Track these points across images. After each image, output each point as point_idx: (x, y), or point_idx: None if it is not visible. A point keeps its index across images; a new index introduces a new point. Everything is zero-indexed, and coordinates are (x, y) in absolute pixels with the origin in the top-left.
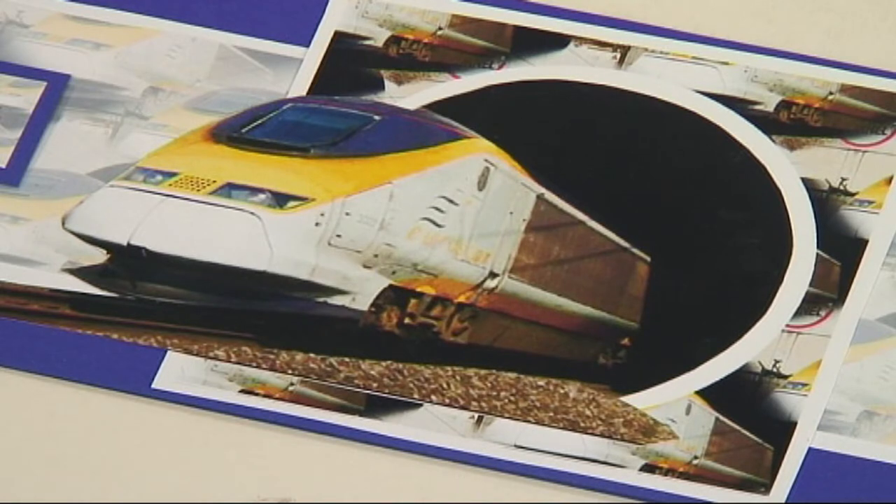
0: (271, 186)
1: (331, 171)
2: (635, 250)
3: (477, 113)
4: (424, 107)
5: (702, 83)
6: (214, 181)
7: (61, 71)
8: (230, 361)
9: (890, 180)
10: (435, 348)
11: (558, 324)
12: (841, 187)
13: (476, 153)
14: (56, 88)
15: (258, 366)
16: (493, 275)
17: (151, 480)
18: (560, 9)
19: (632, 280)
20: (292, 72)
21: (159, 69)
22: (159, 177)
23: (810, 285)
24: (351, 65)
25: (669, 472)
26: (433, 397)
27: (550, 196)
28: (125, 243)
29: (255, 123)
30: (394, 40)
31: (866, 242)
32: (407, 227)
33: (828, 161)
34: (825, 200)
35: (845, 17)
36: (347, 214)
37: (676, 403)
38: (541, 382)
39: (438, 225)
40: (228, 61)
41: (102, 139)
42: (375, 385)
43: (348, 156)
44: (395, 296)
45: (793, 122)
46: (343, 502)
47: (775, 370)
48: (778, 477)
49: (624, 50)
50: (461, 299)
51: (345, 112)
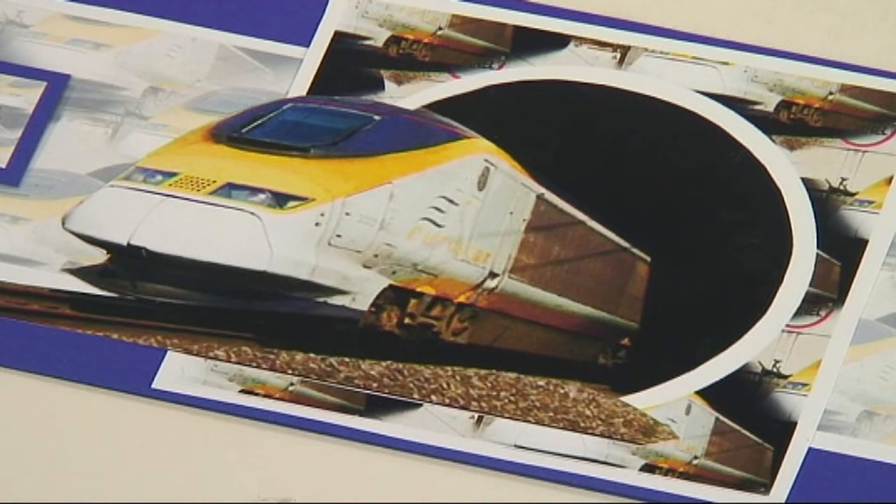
0: (271, 186)
1: (331, 171)
2: (635, 250)
3: (477, 113)
4: (424, 107)
5: (702, 83)
6: (214, 181)
7: (61, 71)
8: (230, 361)
9: (890, 180)
10: (435, 348)
11: (558, 324)
12: (841, 187)
13: (476, 153)
14: (56, 88)
15: (258, 366)
16: (493, 275)
17: (151, 480)
18: (560, 9)
19: (632, 280)
20: (292, 72)
21: (159, 69)
22: (159, 177)
23: (810, 285)
24: (351, 65)
25: (669, 472)
26: (433, 397)
27: (550, 196)
28: (125, 243)
29: (255, 123)
30: (394, 40)
31: (866, 242)
32: (407, 227)
33: (828, 161)
34: (825, 200)
35: (845, 17)
36: (347, 214)
37: (676, 403)
38: (541, 382)
39: (438, 225)
40: (228, 61)
41: (102, 139)
42: (375, 385)
43: (348, 156)
44: (395, 296)
45: (793, 122)
46: (343, 502)
47: (775, 370)
48: (778, 477)
49: (624, 50)
50: (461, 299)
51: (345, 112)
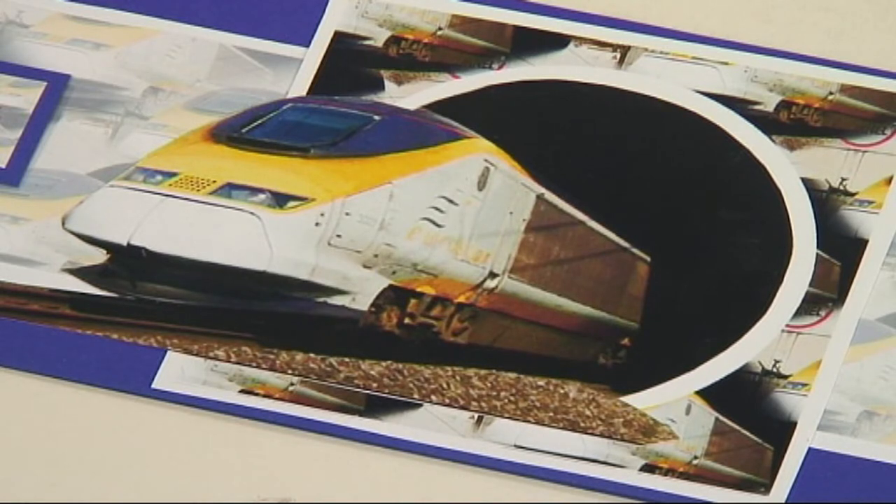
0: (271, 186)
1: (331, 171)
2: (635, 250)
3: (477, 113)
4: (424, 107)
5: (702, 83)
6: (214, 181)
7: (61, 71)
8: (230, 361)
9: (890, 180)
10: (435, 348)
11: (558, 324)
12: (841, 187)
13: (476, 153)
14: (56, 88)
15: (258, 366)
16: (493, 275)
17: (151, 480)
18: (560, 9)
19: (632, 280)
20: (292, 72)
21: (159, 69)
22: (159, 177)
23: (810, 285)
24: (351, 65)
25: (669, 472)
26: (433, 397)
27: (550, 196)
28: (125, 243)
29: (255, 123)
30: (394, 40)
31: (866, 242)
32: (407, 227)
33: (828, 161)
34: (825, 200)
35: (845, 17)
36: (347, 214)
37: (676, 403)
38: (541, 382)
39: (438, 225)
40: (228, 61)
41: (102, 139)
42: (375, 385)
43: (348, 156)
44: (395, 296)
45: (793, 122)
46: (343, 502)
47: (775, 370)
48: (778, 477)
49: (624, 50)
50: (461, 299)
51: (345, 112)
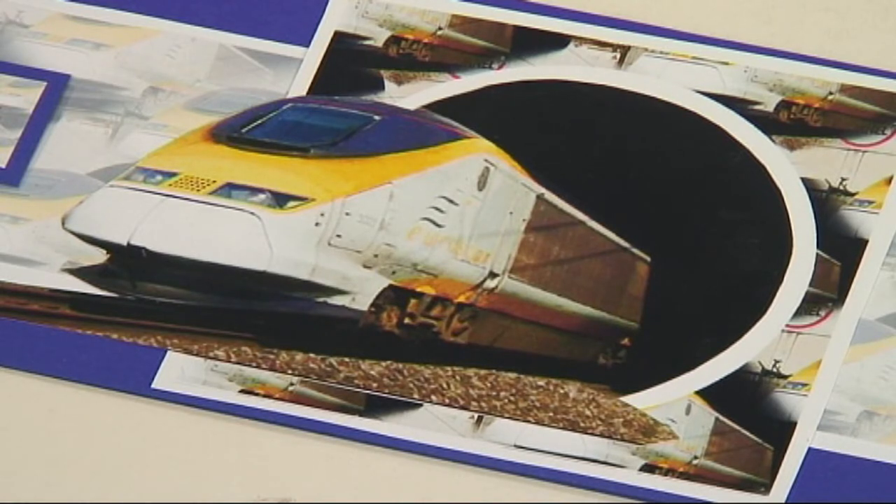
0: (271, 186)
1: (331, 171)
2: (635, 250)
3: (477, 113)
4: (424, 107)
5: (702, 83)
6: (214, 181)
7: (61, 71)
8: (230, 361)
9: (890, 180)
10: (435, 348)
11: (558, 324)
12: (841, 187)
13: (476, 153)
14: (56, 88)
15: (258, 366)
16: (493, 275)
17: (151, 480)
18: (560, 9)
19: (632, 280)
20: (292, 72)
21: (159, 69)
22: (159, 177)
23: (810, 285)
24: (351, 65)
25: (669, 472)
26: (433, 397)
27: (550, 196)
28: (125, 243)
29: (255, 123)
30: (394, 40)
31: (866, 242)
32: (407, 227)
33: (828, 161)
34: (825, 200)
35: (845, 17)
36: (347, 214)
37: (676, 403)
38: (541, 382)
39: (438, 225)
40: (228, 61)
41: (102, 139)
42: (375, 385)
43: (348, 156)
44: (395, 296)
45: (793, 122)
46: (343, 502)
47: (775, 370)
48: (778, 477)
49: (624, 50)
50: (461, 299)
51: (345, 112)
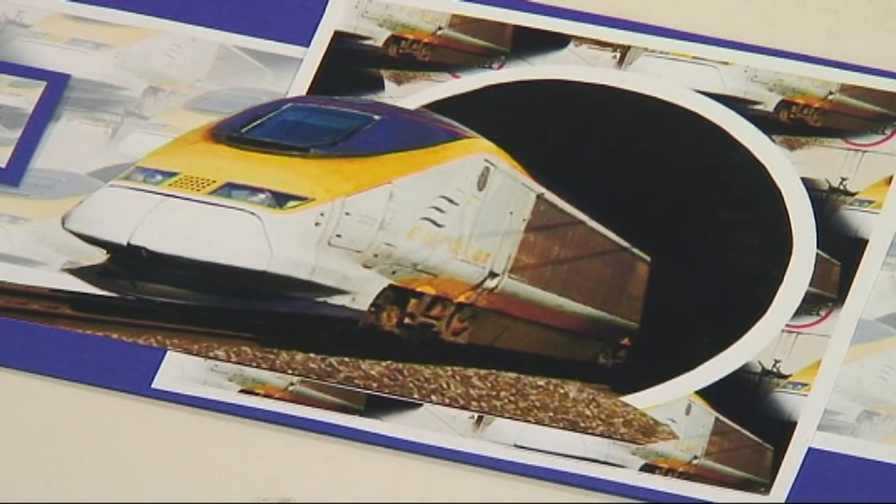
0: (271, 186)
1: (331, 171)
2: (635, 250)
3: (477, 113)
4: (424, 107)
5: (702, 83)
6: (214, 181)
7: (61, 71)
8: (230, 361)
9: (890, 180)
10: (435, 348)
11: (558, 324)
12: (841, 187)
13: (476, 153)
14: (56, 88)
15: (258, 366)
16: (493, 275)
17: (151, 480)
18: (560, 9)
19: (632, 280)
20: (292, 72)
21: (159, 69)
22: (159, 177)
23: (810, 285)
24: (351, 65)
25: (669, 472)
26: (433, 397)
27: (550, 196)
28: (125, 243)
29: (255, 123)
30: (394, 40)
31: (866, 242)
32: (407, 227)
33: (828, 161)
34: (825, 200)
35: (845, 17)
36: (347, 214)
37: (676, 403)
38: (541, 382)
39: (438, 225)
40: (228, 61)
41: (102, 139)
42: (375, 385)
43: (348, 156)
44: (395, 296)
45: (793, 122)
46: (343, 502)
47: (775, 370)
48: (778, 477)
49: (624, 50)
50: (461, 299)
51: (345, 112)
